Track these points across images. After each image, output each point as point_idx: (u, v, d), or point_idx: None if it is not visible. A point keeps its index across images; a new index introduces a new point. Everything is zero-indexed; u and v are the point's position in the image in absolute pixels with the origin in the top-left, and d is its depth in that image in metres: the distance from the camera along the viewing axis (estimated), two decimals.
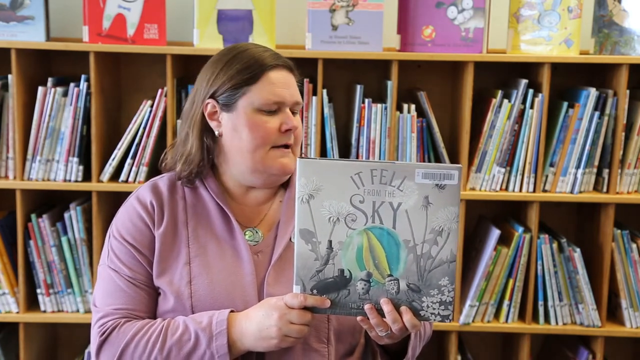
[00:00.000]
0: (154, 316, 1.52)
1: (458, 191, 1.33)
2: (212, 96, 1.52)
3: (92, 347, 1.49)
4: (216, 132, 1.54)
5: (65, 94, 2.38)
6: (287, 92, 1.52)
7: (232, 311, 1.45)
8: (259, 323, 1.40)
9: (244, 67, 1.50)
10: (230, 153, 1.53)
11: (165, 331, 1.44)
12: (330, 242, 1.37)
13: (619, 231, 2.45)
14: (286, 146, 1.53)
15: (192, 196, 1.56)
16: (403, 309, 1.36)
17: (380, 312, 1.38)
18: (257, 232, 1.55)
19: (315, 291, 1.38)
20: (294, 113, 1.54)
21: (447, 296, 1.36)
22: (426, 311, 1.37)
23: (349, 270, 1.37)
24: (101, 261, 1.56)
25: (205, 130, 1.54)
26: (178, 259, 1.51)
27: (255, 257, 1.52)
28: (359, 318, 1.39)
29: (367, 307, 1.37)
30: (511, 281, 2.44)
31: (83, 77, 2.37)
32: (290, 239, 1.52)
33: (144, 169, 2.40)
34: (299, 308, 1.38)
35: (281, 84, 1.51)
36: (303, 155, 2.27)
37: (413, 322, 1.36)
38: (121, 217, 1.56)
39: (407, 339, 1.50)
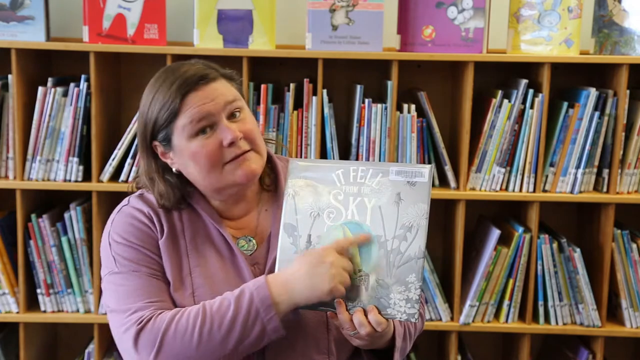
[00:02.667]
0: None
1: (428, 189, 1.38)
2: (154, 137, 1.49)
3: (126, 343, 1.40)
4: (173, 169, 1.51)
5: (65, 94, 2.38)
6: (210, 104, 1.44)
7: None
8: (308, 271, 1.37)
9: (163, 104, 1.45)
10: (193, 181, 1.51)
11: (203, 307, 1.39)
12: (309, 235, 1.42)
13: (619, 231, 2.45)
14: (240, 154, 1.46)
15: (185, 204, 1.53)
16: (369, 307, 1.37)
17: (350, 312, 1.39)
18: (250, 240, 1.54)
19: None
20: (234, 115, 1.47)
21: (414, 293, 1.37)
22: (393, 308, 1.38)
23: None
24: (106, 271, 1.49)
25: (166, 170, 1.51)
26: (180, 270, 1.48)
27: (253, 268, 1.50)
28: (329, 314, 1.41)
29: (336, 301, 1.37)
30: (511, 281, 2.44)
31: (83, 77, 2.37)
32: None
33: None
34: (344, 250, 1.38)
35: (201, 100, 1.44)
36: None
37: (378, 320, 1.36)
38: (119, 223, 1.50)
39: (394, 342, 1.48)
